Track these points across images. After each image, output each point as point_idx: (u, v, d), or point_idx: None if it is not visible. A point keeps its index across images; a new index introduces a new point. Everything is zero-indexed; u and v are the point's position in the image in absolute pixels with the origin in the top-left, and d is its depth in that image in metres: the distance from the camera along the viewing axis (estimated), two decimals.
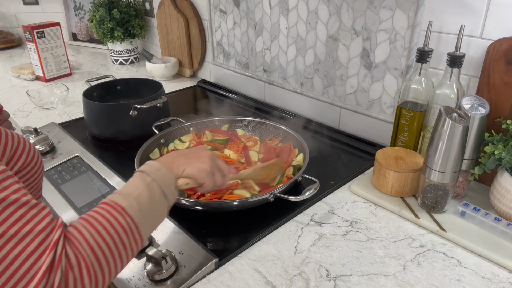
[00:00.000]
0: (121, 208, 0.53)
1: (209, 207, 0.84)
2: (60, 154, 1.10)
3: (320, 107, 1.27)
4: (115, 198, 0.54)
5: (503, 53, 0.80)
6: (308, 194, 0.82)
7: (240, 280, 0.69)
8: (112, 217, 0.51)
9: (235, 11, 1.42)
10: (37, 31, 1.62)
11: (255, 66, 1.44)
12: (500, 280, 0.69)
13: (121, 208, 0.53)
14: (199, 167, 0.66)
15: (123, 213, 0.52)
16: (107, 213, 0.52)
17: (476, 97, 0.81)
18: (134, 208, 0.54)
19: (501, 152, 0.75)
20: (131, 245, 0.53)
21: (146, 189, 0.57)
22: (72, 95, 1.54)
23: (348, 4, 1.07)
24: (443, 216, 0.82)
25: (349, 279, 0.69)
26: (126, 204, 0.53)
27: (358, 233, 0.80)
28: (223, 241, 0.80)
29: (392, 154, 0.91)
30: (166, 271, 0.67)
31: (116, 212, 0.52)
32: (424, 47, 0.89)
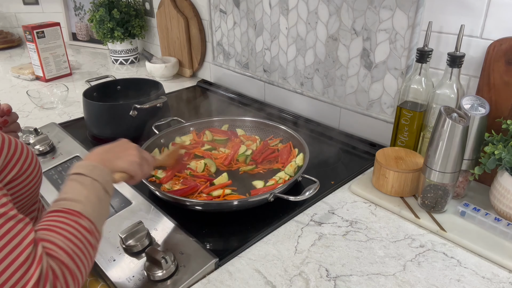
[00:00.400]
0: (77, 213, 0.55)
1: (209, 207, 0.84)
2: (60, 154, 1.10)
3: (320, 107, 1.27)
4: (67, 205, 0.55)
5: (503, 53, 0.80)
6: (308, 194, 0.82)
7: (240, 280, 0.69)
8: (74, 223, 0.54)
9: (235, 11, 1.42)
10: (37, 31, 1.62)
11: (255, 66, 1.44)
12: (500, 280, 0.69)
13: (78, 212, 0.55)
14: (130, 160, 0.68)
15: (82, 216, 0.55)
16: (68, 220, 0.54)
17: (476, 97, 0.81)
18: (88, 210, 0.56)
19: (501, 152, 0.75)
20: (95, 243, 0.56)
21: (91, 190, 0.59)
22: (72, 95, 1.54)
23: (348, 4, 1.07)
24: (443, 216, 0.82)
25: (349, 279, 0.69)
26: (80, 208, 0.55)
27: (358, 233, 0.80)
28: (223, 241, 0.80)
29: (392, 154, 0.91)
30: (166, 271, 0.67)
31: (76, 217, 0.54)
32: (424, 47, 0.89)
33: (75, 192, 0.58)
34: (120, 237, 0.74)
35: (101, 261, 0.73)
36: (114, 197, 0.91)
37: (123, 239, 0.74)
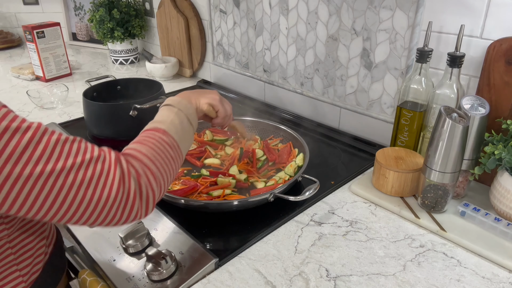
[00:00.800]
0: (162, 130, 0.63)
1: (209, 207, 0.84)
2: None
3: (320, 107, 1.27)
4: (154, 125, 0.64)
5: (503, 53, 0.80)
6: (308, 194, 0.82)
7: (240, 280, 0.69)
8: (158, 137, 0.61)
9: (235, 11, 1.42)
10: (37, 31, 1.62)
11: (255, 66, 1.44)
12: (500, 280, 0.69)
13: (162, 130, 0.63)
14: (211, 97, 0.80)
15: (166, 133, 0.63)
16: (153, 135, 0.62)
17: (476, 97, 0.81)
18: (172, 130, 0.64)
19: (501, 152, 0.75)
20: (177, 159, 0.63)
21: (176, 116, 0.68)
22: (72, 95, 1.54)
23: (348, 4, 1.07)
24: (443, 216, 0.82)
25: (349, 279, 0.69)
26: (165, 127, 0.64)
27: (358, 233, 0.80)
28: (223, 241, 0.80)
29: (392, 154, 0.91)
30: (166, 271, 0.67)
31: (160, 133, 0.62)
32: (424, 47, 0.89)
33: (163, 117, 0.67)
34: (120, 237, 0.74)
35: (101, 261, 0.73)
36: None
37: (123, 239, 0.74)
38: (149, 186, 0.56)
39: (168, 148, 0.61)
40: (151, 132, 0.63)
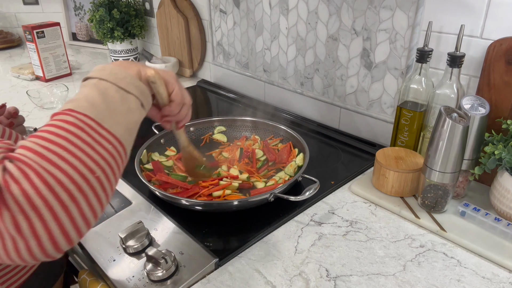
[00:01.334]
0: (67, 110, 0.45)
1: (209, 207, 0.84)
2: None
3: (320, 107, 1.27)
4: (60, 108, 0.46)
5: (503, 53, 0.80)
6: (308, 194, 0.82)
7: (240, 280, 0.69)
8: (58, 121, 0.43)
9: (235, 11, 1.42)
10: (37, 31, 1.62)
11: (255, 66, 1.44)
12: (500, 280, 0.69)
13: (68, 110, 0.45)
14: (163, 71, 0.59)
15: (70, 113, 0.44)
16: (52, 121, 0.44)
17: (476, 97, 0.81)
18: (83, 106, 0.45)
19: (501, 152, 0.75)
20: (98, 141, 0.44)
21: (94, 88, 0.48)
22: (72, 95, 1.53)
23: (348, 4, 1.07)
24: (443, 216, 0.82)
25: (349, 279, 0.69)
26: (72, 105, 0.45)
27: (358, 233, 0.80)
28: (223, 241, 0.79)
29: (392, 154, 0.91)
30: (166, 271, 0.67)
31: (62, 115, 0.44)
32: (424, 47, 0.89)
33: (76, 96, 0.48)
34: (120, 237, 0.74)
35: (101, 261, 0.73)
36: (114, 197, 0.91)
37: (123, 239, 0.74)
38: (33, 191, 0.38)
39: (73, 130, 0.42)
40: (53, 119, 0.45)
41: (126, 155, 0.48)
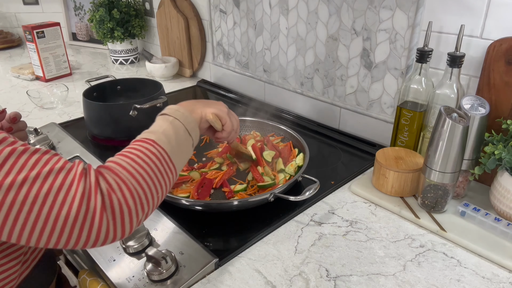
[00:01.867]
0: (151, 140, 0.58)
1: (209, 207, 0.84)
2: (60, 154, 1.09)
3: (320, 107, 1.27)
4: (144, 135, 0.60)
5: (503, 53, 0.80)
6: (308, 194, 0.82)
7: (240, 280, 0.69)
8: (144, 148, 0.56)
9: (235, 11, 1.42)
10: (37, 31, 1.62)
11: (255, 66, 1.44)
12: (500, 280, 0.69)
13: (151, 140, 0.58)
14: (218, 108, 0.74)
15: (154, 144, 0.57)
16: (139, 146, 0.57)
17: (476, 97, 0.81)
18: (162, 140, 0.59)
19: (501, 152, 0.75)
20: (166, 172, 0.57)
21: (170, 126, 0.62)
22: (72, 95, 1.54)
23: (348, 4, 1.07)
24: (443, 216, 0.82)
25: (349, 279, 0.69)
26: (155, 137, 0.58)
27: (358, 233, 0.80)
28: (223, 241, 0.80)
29: (392, 154, 0.91)
30: (166, 271, 0.67)
31: (147, 144, 0.57)
32: (424, 47, 0.89)
33: (155, 127, 0.61)
34: None
35: (101, 261, 0.73)
36: None
37: (123, 239, 0.74)
38: (124, 203, 0.50)
39: (155, 160, 0.55)
40: (138, 143, 0.57)
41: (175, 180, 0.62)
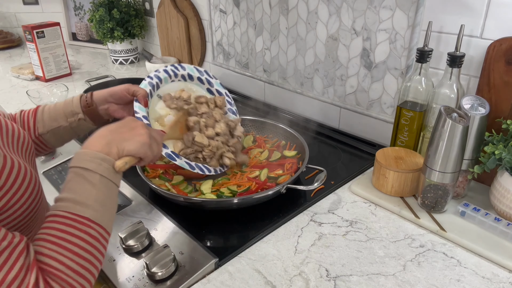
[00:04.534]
0: (86, 219, 0.53)
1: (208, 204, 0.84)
2: (60, 154, 1.10)
3: (320, 107, 1.27)
4: (75, 210, 0.53)
5: (503, 53, 0.80)
6: (317, 185, 0.83)
7: (240, 280, 0.69)
8: (83, 233, 0.52)
9: (235, 11, 1.42)
10: (37, 31, 1.62)
11: (255, 66, 1.44)
12: (500, 280, 0.69)
13: (87, 219, 0.53)
14: (138, 141, 0.63)
15: (91, 223, 0.53)
16: (76, 230, 0.52)
17: (476, 97, 0.81)
18: (98, 214, 0.55)
19: (501, 152, 0.75)
20: (104, 248, 0.55)
21: (100, 189, 0.56)
22: (72, 95, 1.53)
23: (348, 4, 1.07)
24: (443, 216, 0.82)
25: (349, 279, 0.69)
26: (90, 213, 0.54)
27: (358, 233, 0.80)
28: (223, 241, 0.80)
29: (392, 154, 0.91)
30: (166, 271, 0.67)
31: (84, 226, 0.53)
32: (424, 47, 0.89)
33: (84, 193, 0.55)
34: (120, 237, 0.74)
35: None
36: None
37: (123, 239, 0.74)
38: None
39: (95, 244, 0.53)
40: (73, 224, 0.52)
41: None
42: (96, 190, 0.56)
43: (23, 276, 0.45)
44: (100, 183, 0.56)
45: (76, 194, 0.55)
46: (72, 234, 0.52)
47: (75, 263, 0.50)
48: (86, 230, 0.53)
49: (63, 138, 0.82)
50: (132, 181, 0.94)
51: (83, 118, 0.81)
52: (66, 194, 0.55)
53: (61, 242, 0.51)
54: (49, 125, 0.79)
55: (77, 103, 0.81)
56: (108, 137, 0.61)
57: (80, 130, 0.83)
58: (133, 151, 0.62)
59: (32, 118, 0.80)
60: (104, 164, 0.58)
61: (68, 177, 0.57)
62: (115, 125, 0.64)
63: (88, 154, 0.58)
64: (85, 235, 0.52)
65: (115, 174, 0.59)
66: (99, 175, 0.57)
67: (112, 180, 0.58)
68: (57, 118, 0.80)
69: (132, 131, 0.64)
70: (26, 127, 0.79)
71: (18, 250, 0.47)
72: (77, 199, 0.54)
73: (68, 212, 0.53)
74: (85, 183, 0.56)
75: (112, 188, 0.59)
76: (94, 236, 0.53)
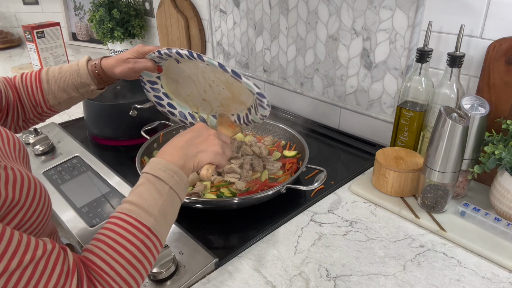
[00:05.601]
0: (147, 228, 0.53)
1: (208, 204, 0.84)
2: (60, 154, 1.10)
3: (320, 107, 1.27)
4: (140, 216, 0.54)
5: (503, 53, 0.80)
6: (317, 185, 0.83)
7: (240, 280, 0.69)
8: (140, 241, 0.52)
9: (235, 11, 1.42)
10: (37, 31, 1.62)
11: (255, 66, 1.44)
12: (500, 280, 0.69)
13: (147, 228, 0.53)
14: (213, 151, 0.66)
15: (150, 233, 0.54)
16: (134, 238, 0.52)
17: (476, 97, 0.81)
18: (158, 224, 0.55)
19: (501, 152, 0.75)
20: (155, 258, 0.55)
21: (167, 200, 0.57)
22: None
23: (348, 4, 1.07)
24: (443, 216, 0.82)
25: (349, 279, 0.69)
26: (152, 223, 0.54)
27: (358, 233, 0.80)
28: (223, 241, 0.80)
29: (392, 154, 0.91)
30: (166, 271, 0.67)
31: (143, 234, 0.53)
32: (424, 47, 0.89)
33: (151, 201, 0.56)
34: None
35: None
36: (114, 197, 0.91)
37: None
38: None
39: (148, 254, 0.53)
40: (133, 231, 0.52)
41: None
42: (162, 201, 0.57)
43: (63, 283, 0.45)
44: (168, 194, 0.58)
45: (143, 200, 0.55)
46: (129, 240, 0.52)
47: (124, 270, 0.50)
48: (143, 239, 0.53)
49: (73, 103, 0.86)
50: (133, 181, 0.94)
51: (95, 88, 0.84)
52: (134, 198, 0.56)
53: (116, 246, 0.51)
54: (60, 97, 0.82)
55: (86, 75, 0.83)
56: (185, 150, 0.64)
57: (92, 96, 0.87)
58: (209, 161, 0.66)
59: (39, 89, 0.80)
60: (176, 177, 0.59)
61: (139, 181, 0.58)
62: (189, 135, 0.67)
63: (163, 164, 0.60)
64: (141, 244, 0.52)
65: (183, 189, 0.61)
66: (168, 187, 0.58)
67: (179, 194, 0.60)
68: (67, 89, 0.82)
69: (206, 142, 0.67)
70: (33, 100, 0.80)
71: (54, 257, 0.46)
72: (143, 205, 0.55)
73: (132, 217, 0.53)
74: (154, 192, 0.57)
75: (177, 202, 0.60)
76: (149, 246, 0.53)
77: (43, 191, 0.57)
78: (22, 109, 0.80)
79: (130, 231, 0.52)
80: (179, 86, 0.89)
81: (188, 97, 0.90)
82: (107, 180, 0.97)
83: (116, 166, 1.02)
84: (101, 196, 0.92)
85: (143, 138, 1.04)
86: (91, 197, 0.92)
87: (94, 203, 0.90)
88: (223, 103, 0.87)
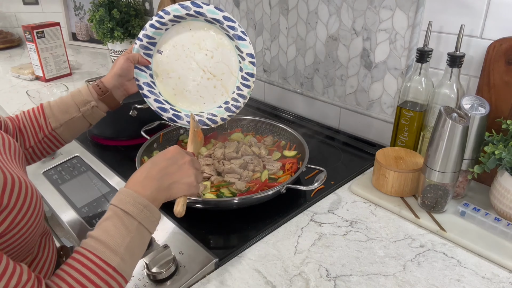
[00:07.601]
0: (112, 269, 0.52)
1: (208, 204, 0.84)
2: (60, 154, 1.10)
3: (320, 107, 1.27)
4: (105, 255, 0.52)
5: (503, 53, 0.80)
6: (317, 185, 0.83)
7: (240, 280, 0.69)
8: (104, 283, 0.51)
9: (235, 11, 1.42)
10: (37, 31, 1.62)
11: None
12: (500, 280, 0.69)
13: (112, 269, 0.52)
14: (187, 183, 0.65)
15: (115, 274, 0.52)
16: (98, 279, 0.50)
17: (476, 97, 0.81)
18: (124, 263, 0.53)
19: (501, 152, 0.75)
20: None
21: (135, 235, 0.55)
22: None
23: (348, 4, 1.07)
24: (443, 216, 0.82)
25: (349, 279, 0.69)
26: (117, 262, 0.52)
27: (358, 233, 0.80)
28: (223, 241, 0.80)
29: (392, 154, 0.91)
30: (166, 271, 0.67)
31: (107, 275, 0.51)
32: (424, 47, 0.89)
33: (117, 239, 0.54)
34: None
35: None
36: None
37: None
38: None
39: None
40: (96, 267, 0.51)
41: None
42: (130, 238, 0.55)
43: None
44: (137, 230, 0.56)
45: (109, 237, 0.54)
46: (92, 281, 0.50)
47: None
48: (107, 280, 0.51)
49: (76, 129, 0.84)
50: None
51: (96, 105, 0.84)
52: (99, 234, 0.54)
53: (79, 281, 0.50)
54: (61, 118, 0.81)
55: (87, 92, 0.83)
56: (159, 180, 0.61)
57: (93, 118, 0.85)
58: (183, 195, 0.65)
59: (41, 114, 0.80)
60: (146, 211, 0.58)
61: (106, 215, 0.56)
62: (164, 163, 0.64)
63: (133, 197, 0.58)
64: (105, 285, 0.51)
65: (152, 223, 0.59)
66: (137, 222, 0.56)
67: (149, 229, 0.58)
68: (68, 110, 0.82)
69: (180, 172, 0.65)
70: (36, 124, 0.79)
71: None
72: (109, 243, 0.53)
73: (96, 255, 0.52)
74: (121, 228, 0.55)
75: (146, 236, 0.58)
76: (113, 287, 0.52)
77: (34, 194, 0.55)
78: (21, 137, 0.78)
79: (93, 271, 0.51)
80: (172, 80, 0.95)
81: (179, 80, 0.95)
82: (107, 180, 0.97)
83: (116, 166, 1.02)
84: (101, 196, 0.92)
85: (143, 138, 1.04)
86: (91, 197, 0.92)
87: (94, 203, 0.90)
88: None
